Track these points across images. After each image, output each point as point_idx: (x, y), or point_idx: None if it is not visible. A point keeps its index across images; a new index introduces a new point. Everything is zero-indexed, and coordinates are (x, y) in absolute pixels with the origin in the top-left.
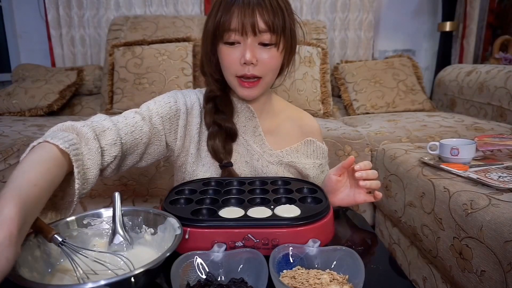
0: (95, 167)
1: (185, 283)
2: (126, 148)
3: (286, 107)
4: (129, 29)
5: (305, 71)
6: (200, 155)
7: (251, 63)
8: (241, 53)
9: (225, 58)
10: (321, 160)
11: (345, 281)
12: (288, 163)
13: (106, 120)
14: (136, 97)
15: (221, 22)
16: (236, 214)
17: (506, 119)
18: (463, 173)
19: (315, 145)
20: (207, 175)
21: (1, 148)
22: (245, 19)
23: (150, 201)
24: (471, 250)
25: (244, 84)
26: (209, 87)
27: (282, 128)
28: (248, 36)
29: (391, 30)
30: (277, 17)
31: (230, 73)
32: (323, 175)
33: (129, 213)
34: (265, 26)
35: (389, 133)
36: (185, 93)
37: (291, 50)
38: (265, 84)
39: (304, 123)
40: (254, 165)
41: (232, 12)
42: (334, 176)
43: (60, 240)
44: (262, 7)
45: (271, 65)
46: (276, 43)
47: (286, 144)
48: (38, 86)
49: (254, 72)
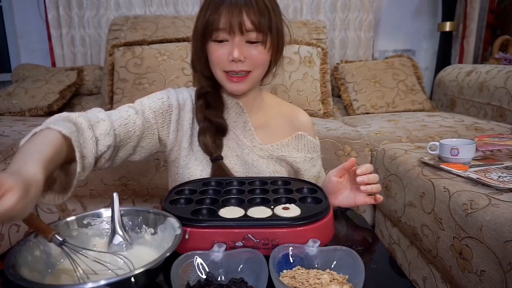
0: (90, 155)
1: (185, 283)
2: (120, 140)
3: (277, 103)
4: (129, 29)
5: (305, 71)
6: (193, 150)
7: (239, 60)
8: (229, 50)
9: (214, 54)
10: (312, 154)
11: (345, 281)
12: (279, 157)
13: (101, 112)
14: (136, 97)
15: (209, 21)
16: (236, 214)
17: (506, 119)
18: (463, 173)
19: (306, 139)
20: (199, 169)
21: (1, 148)
22: (232, 19)
23: (150, 201)
24: (471, 250)
25: (232, 79)
26: (200, 84)
27: (273, 123)
28: (236, 34)
29: (391, 30)
30: (263, 17)
31: (219, 69)
32: (315, 169)
33: (129, 213)
34: (252, 25)
35: (389, 133)
36: (178, 90)
37: (278, 49)
38: (253, 78)
39: (295, 118)
40: (245, 159)
41: (221, 12)
42: (334, 178)
43: (60, 240)
44: (248, 7)
45: (258, 61)
46: (262, 41)
47: (277, 138)
48: (38, 86)
49: (242, 68)
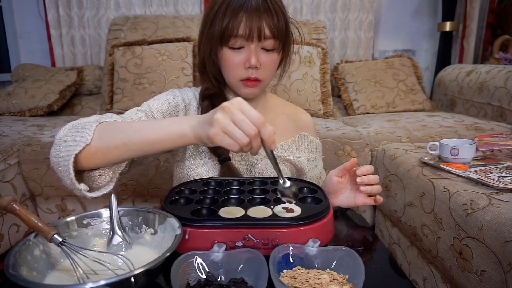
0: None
1: (185, 283)
2: None
3: (280, 103)
4: (129, 29)
5: (305, 71)
6: (198, 150)
7: (255, 67)
8: (246, 57)
9: (229, 62)
10: (315, 155)
11: (345, 281)
12: (283, 157)
13: (114, 116)
14: (136, 97)
15: (229, 27)
16: (236, 214)
17: (506, 119)
18: (463, 173)
19: (309, 140)
20: (204, 169)
21: (1, 148)
22: (252, 25)
23: (150, 201)
24: (471, 250)
25: (248, 84)
26: (204, 85)
27: (277, 123)
28: (253, 41)
29: (391, 30)
30: (280, 22)
31: (234, 76)
32: (317, 169)
33: (129, 213)
34: (270, 32)
35: (389, 133)
36: (182, 90)
37: (287, 54)
38: (264, 85)
39: (298, 118)
40: (249, 160)
41: (240, 17)
42: (335, 178)
43: (60, 240)
44: (267, 12)
45: (271, 69)
46: (278, 48)
47: (281, 138)
48: (38, 86)
49: (257, 75)
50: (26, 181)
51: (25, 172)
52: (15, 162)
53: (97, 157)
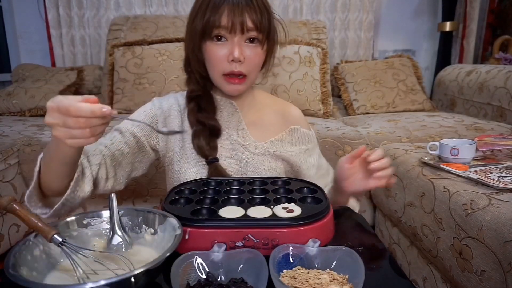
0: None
1: (185, 283)
2: (113, 159)
3: (269, 99)
4: (129, 29)
5: (305, 71)
6: (186, 153)
7: (239, 60)
8: (229, 50)
9: (213, 55)
10: (307, 145)
11: (345, 281)
12: (274, 153)
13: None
14: (136, 97)
15: (210, 20)
16: (236, 214)
17: (506, 119)
18: (463, 173)
19: (300, 132)
20: (193, 171)
21: (1, 148)
22: (234, 18)
23: (150, 201)
24: (471, 250)
25: (231, 81)
26: (190, 87)
27: (266, 120)
28: (236, 34)
29: (391, 30)
30: (263, 17)
31: (217, 70)
32: (311, 159)
33: (129, 213)
34: (253, 25)
35: (389, 133)
36: (163, 98)
37: (272, 50)
38: (250, 81)
39: (287, 113)
40: (240, 158)
41: (222, 11)
42: (345, 165)
43: (60, 240)
44: (250, 7)
45: (255, 62)
46: (261, 41)
47: (271, 135)
48: (38, 86)
49: (241, 69)
50: (26, 181)
51: (25, 172)
52: (15, 162)
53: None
